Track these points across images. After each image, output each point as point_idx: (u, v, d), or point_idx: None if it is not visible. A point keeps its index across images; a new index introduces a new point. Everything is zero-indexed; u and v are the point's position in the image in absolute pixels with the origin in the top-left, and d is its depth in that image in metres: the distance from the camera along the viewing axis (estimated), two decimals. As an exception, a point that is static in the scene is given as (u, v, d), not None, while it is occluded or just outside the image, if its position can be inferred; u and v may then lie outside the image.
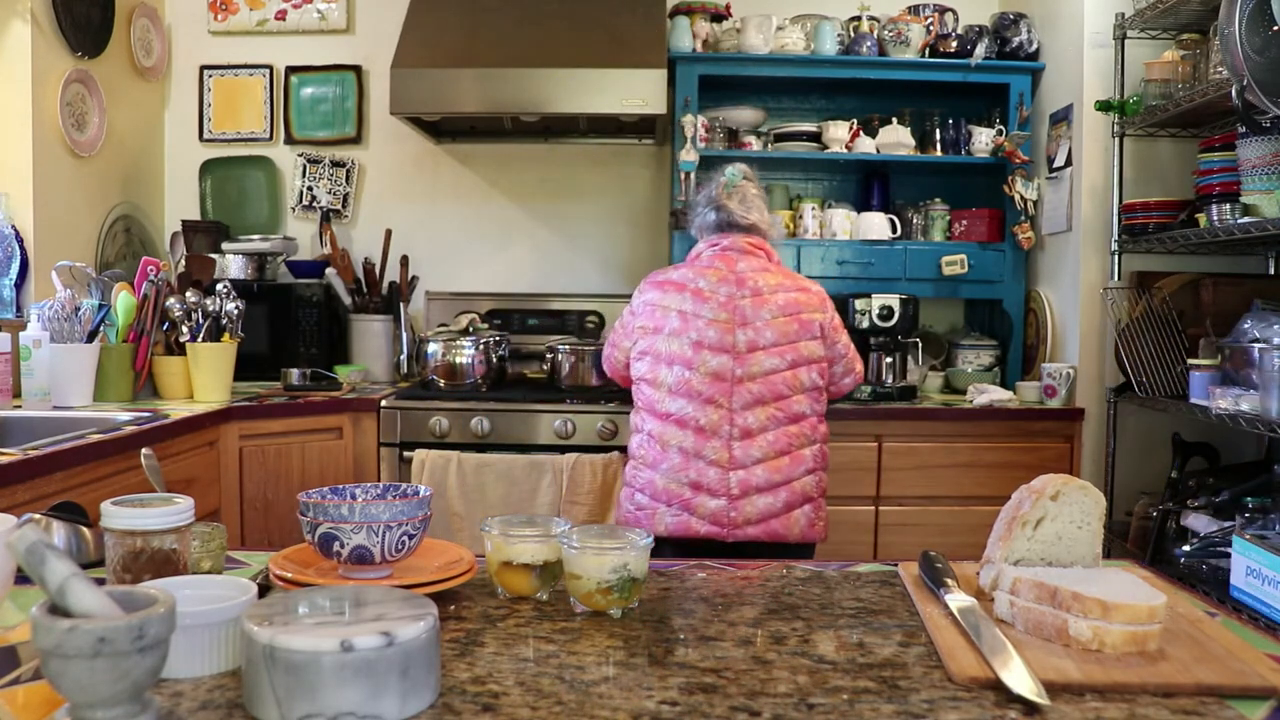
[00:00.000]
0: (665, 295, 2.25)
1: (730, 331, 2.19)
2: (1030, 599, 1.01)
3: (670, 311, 2.23)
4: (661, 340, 2.22)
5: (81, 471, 2.04)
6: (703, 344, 2.18)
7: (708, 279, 2.24)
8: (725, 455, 2.16)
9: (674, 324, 2.21)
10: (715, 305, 2.21)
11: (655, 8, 3.35)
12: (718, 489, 2.15)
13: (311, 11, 3.75)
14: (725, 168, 2.40)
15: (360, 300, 3.55)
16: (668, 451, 2.19)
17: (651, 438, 2.22)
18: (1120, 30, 2.98)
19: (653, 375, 2.22)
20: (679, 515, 2.15)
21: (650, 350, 2.23)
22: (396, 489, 1.20)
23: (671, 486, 2.17)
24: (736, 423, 2.16)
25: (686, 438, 2.17)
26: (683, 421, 2.17)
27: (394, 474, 2.97)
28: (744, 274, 2.25)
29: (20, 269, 2.93)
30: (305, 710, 0.77)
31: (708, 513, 2.15)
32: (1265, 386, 2.22)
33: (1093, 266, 3.08)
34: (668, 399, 2.19)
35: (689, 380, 2.17)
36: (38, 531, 0.75)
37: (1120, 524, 2.93)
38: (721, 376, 2.17)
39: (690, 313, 2.21)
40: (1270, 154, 2.35)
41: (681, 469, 2.17)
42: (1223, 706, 0.86)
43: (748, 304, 2.21)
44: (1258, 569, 1.90)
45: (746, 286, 2.23)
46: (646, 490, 2.20)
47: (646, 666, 0.94)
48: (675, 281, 2.27)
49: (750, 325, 2.20)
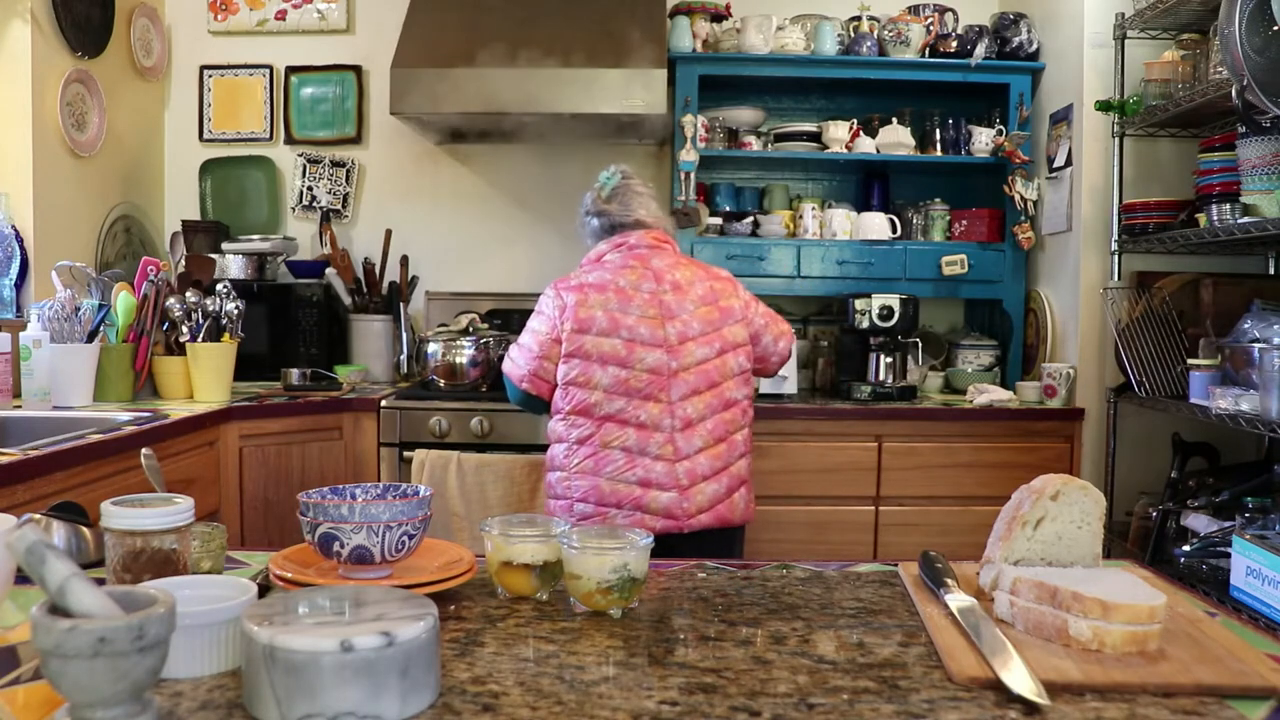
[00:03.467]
0: (586, 297, 2.19)
1: (660, 325, 2.18)
2: (1030, 599, 1.01)
3: (594, 311, 2.17)
4: (590, 341, 2.16)
5: (81, 471, 2.04)
6: (635, 341, 2.16)
7: (626, 277, 2.22)
8: (670, 448, 2.14)
9: (602, 324, 2.17)
10: (641, 302, 2.19)
11: (655, 8, 3.35)
12: (667, 483, 2.13)
13: (311, 11, 3.75)
14: (600, 173, 2.38)
15: (360, 300, 3.55)
16: (609, 453, 2.14)
17: (584, 443, 2.16)
18: (1120, 30, 2.98)
19: (585, 377, 2.16)
20: (631, 515, 2.12)
21: (579, 352, 2.17)
22: (396, 489, 1.19)
23: (620, 488, 2.13)
24: (677, 414, 2.15)
25: (628, 436, 2.14)
26: (623, 420, 2.14)
27: (394, 474, 2.97)
28: (660, 269, 2.25)
29: (20, 269, 2.93)
30: (305, 710, 0.77)
31: (661, 508, 2.13)
32: (1265, 386, 2.22)
33: (1093, 266, 3.08)
34: (604, 400, 2.15)
35: (626, 379, 2.14)
36: (38, 531, 0.75)
37: (1120, 524, 2.93)
38: (658, 371, 2.15)
39: (617, 311, 2.18)
40: (1270, 154, 2.35)
41: (627, 469, 2.13)
42: (1223, 706, 0.86)
43: (671, 298, 2.21)
44: (1258, 569, 1.90)
45: (666, 281, 2.23)
46: (590, 498, 2.15)
47: (646, 666, 0.94)
48: (593, 284, 2.21)
49: (677, 318, 2.20)
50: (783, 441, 3.03)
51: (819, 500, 3.04)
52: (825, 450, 3.04)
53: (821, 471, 3.04)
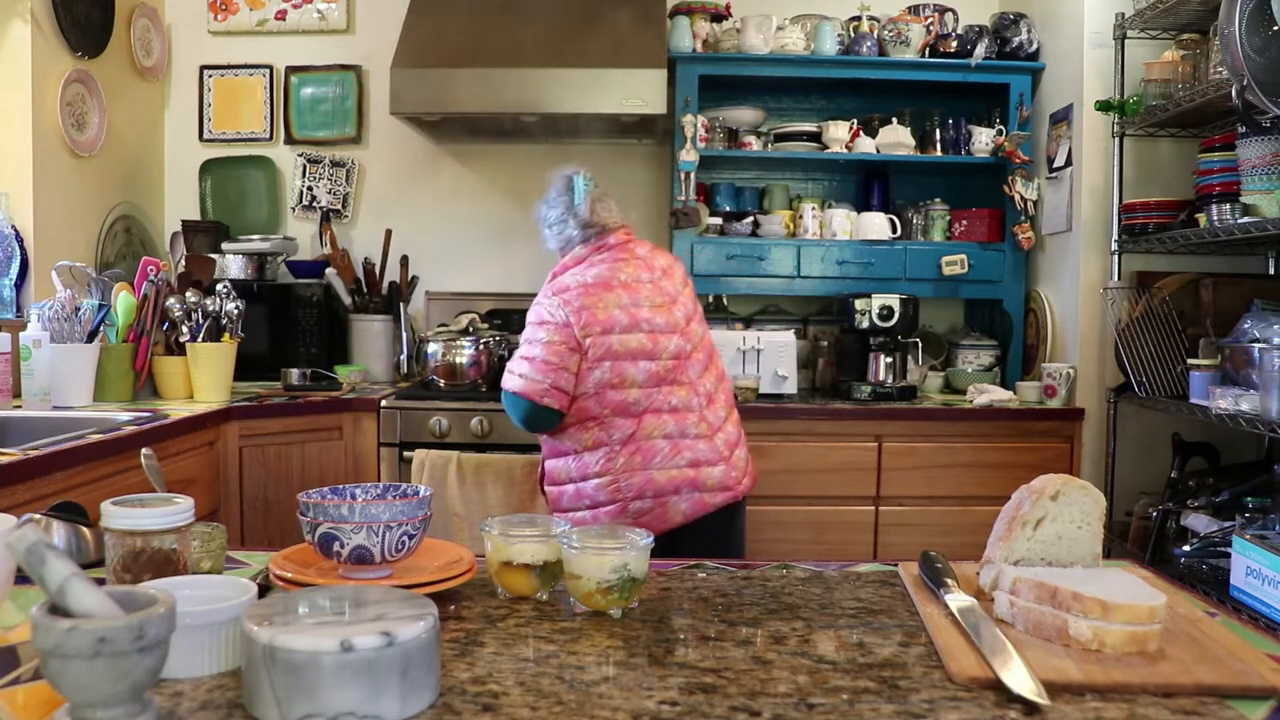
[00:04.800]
0: (598, 299, 2.17)
1: (668, 312, 2.22)
2: (1030, 599, 1.01)
3: (612, 311, 2.16)
4: (616, 340, 2.15)
5: (81, 471, 2.04)
6: (657, 331, 2.19)
7: (626, 272, 2.23)
8: (704, 425, 2.20)
9: (622, 321, 2.16)
10: (648, 293, 2.22)
11: (655, 8, 3.35)
12: (714, 458, 2.18)
13: (311, 11, 3.75)
14: (571, 178, 2.34)
15: (360, 300, 3.55)
16: (653, 443, 2.15)
17: (627, 442, 2.14)
18: (1120, 30, 2.98)
19: (620, 378, 2.14)
20: (691, 496, 2.15)
21: (608, 354, 2.14)
22: (396, 489, 1.19)
23: (673, 474, 2.15)
24: (700, 391, 2.22)
25: (666, 424, 2.16)
26: (658, 410, 2.16)
27: (394, 474, 2.97)
28: (645, 258, 2.30)
29: (20, 269, 2.93)
30: (305, 710, 0.77)
31: (716, 482, 2.17)
32: (1265, 386, 2.22)
33: (1093, 266, 3.08)
34: (642, 396, 2.16)
35: (655, 370, 2.17)
36: (38, 531, 0.75)
37: (1120, 524, 2.93)
38: (679, 355, 2.20)
39: (631, 306, 2.18)
40: (1270, 154, 2.35)
41: (674, 454, 2.15)
42: (1223, 706, 0.86)
43: (666, 283, 2.27)
44: (1258, 569, 1.90)
45: (656, 268, 2.28)
46: (648, 491, 2.14)
47: (646, 666, 0.94)
48: (595, 284, 2.19)
49: (677, 301, 2.26)
50: (783, 441, 3.03)
51: (819, 500, 3.04)
52: (825, 450, 3.04)
53: (821, 471, 3.04)
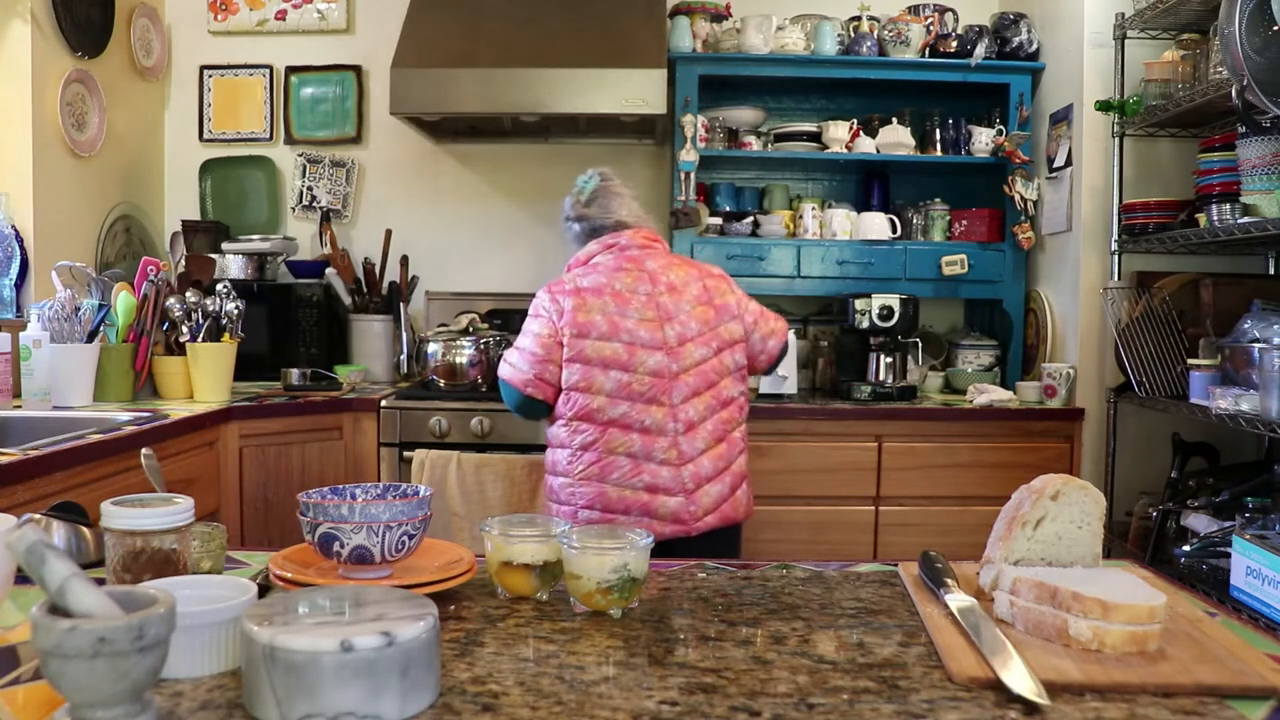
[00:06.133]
0: (584, 301, 2.17)
1: (659, 328, 2.16)
2: (1030, 599, 1.01)
3: (593, 316, 2.15)
4: (590, 345, 2.14)
5: (81, 471, 2.04)
6: (636, 345, 2.14)
7: (622, 280, 2.20)
8: (674, 452, 2.13)
9: (601, 328, 2.15)
10: (639, 305, 2.17)
11: (655, 8, 3.35)
12: (673, 488, 2.13)
13: (311, 11, 3.75)
14: (578, 178, 2.36)
15: (360, 300, 3.55)
16: (614, 459, 2.13)
17: (588, 449, 2.14)
18: (1120, 30, 2.98)
19: (586, 383, 2.14)
20: (639, 521, 2.11)
21: (579, 357, 2.14)
22: (396, 489, 1.19)
23: (626, 495, 2.12)
24: (680, 417, 2.14)
25: (632, 441, 2.12)
26: (626, 425, 2.13)
27: (394, 474, 2.97)
28: (655, 271, 2.23)
29: (20, 269, 2.93)
30: (305, 710, 0.77)
31: (669, 512, 2.12)
32: (1265, 386, 2.22)
33: (1093, 266, 3.09)
34: (608, 405, 2.13)
35: (629, 383, 2.13)
36: (38, 531, 0.75)
37: (1120, 524, 2.93)
38: (660, 374, 2.14)
39: (615, 314, 2.16)
40: (1270, 154, 2.35)
41: (632, 474, 2.12)
42: (1223, 706, 0.86)
43: (668, 299, 2.19)
44: (1258, 569, 1.90)
45: (661, 283, 2.21)
46: (597, 504, 2.13)
47: (646, 666, 0.94)
48: (589, 288, 2.19)
49: (675, 319, 2.18)
50: (783, 441, 3.03)
51: (819, 500, 3.04)
52: (825, 450, 3.04)
53: (821, 471, 3.04)
